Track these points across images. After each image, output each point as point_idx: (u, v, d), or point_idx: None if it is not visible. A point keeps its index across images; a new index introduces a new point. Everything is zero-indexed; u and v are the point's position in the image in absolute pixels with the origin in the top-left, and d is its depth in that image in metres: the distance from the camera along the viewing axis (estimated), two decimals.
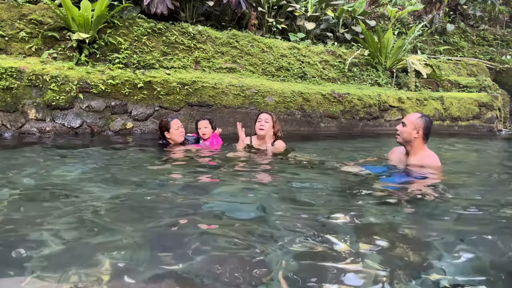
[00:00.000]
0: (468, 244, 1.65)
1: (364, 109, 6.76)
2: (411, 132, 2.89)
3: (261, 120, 3.81)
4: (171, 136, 3.87)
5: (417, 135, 2.89)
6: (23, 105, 4.61)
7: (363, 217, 1.97)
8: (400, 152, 3.16)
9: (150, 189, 2.42)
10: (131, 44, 5.77)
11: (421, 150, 2.95)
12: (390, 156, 3.35)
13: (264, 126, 3.78)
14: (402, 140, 2.97)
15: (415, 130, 2.88)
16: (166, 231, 1.73)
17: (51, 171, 2.85)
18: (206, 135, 4.06)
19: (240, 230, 1.75)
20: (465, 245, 1.64)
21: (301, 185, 2.64)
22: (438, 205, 2.21)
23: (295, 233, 1.71)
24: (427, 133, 2.91)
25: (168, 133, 3.85)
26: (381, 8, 9.92)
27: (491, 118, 7.96)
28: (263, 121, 3.79)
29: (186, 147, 3.93)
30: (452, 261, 1.47)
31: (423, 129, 2.88)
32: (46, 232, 1.65)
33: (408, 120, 2.93)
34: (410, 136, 2.90)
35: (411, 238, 1.75)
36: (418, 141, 2.92)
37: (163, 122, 3.91)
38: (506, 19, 12.49)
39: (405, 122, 2.94)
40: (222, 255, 1.48)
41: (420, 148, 2.95)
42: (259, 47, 6.93)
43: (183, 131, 3.96)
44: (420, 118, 2.91)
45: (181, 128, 3.90)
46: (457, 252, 1.56)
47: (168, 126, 3.84)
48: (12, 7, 5.30)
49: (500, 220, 2.02)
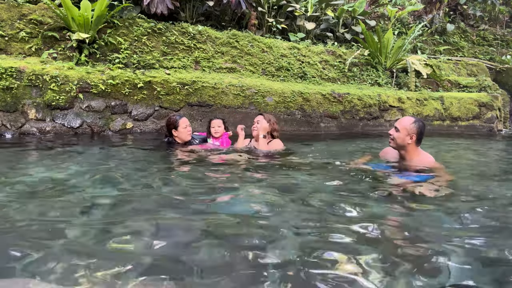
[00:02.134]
0: (471, 245, 1.65)
1: (364, 109, 6.76)
2: (404, 138, 2.87)
3: (254, 122, 3.90)
4: (179, 134, 3.86)
5: (410, 141, 2.87)
6: (23, 105, 4.61)
7: (365, 216, 1.97)
8: (395, 153, 3.14)
9: (150, 189, 2.42)
10: (131, 44, 5.77)
11: (416, 154, 2.94)
12: (384, 156, 3.33)
13: (255, 126, 3.86)
14: (395, 145, 2.96)
15: (408, 136, 2.86)
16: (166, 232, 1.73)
17: (51, 171, 2.85)
18: (218, 133, 4.11)
19: (241, 230, 1.75)
20: (467, 246, 1.64)
21: (301, 183, 2.64)
22: (439, 205, 2.21)
23: (295, 233, 1.71)
24: (420, 138, 2.90)
25: (176, 131, 3.85)
26: (381, 8, 9.92)
27: (491, 118, 7.96)
28: (255, 123, 3.88)
29: (191, 147, 3.91)
30: (456, 262, 1.47)
31: (416, 135, 2.86)
32: (46, 232, 1.65)
33: (401, 126, 2.89)
34: (403, 142, 2.89)
35: (415, 238, 1.75)
36: (411, 146, 2.91)
37: (171, 120, 3.90)
38: (506, 19, 12.49)
39: (398, 127, 2.90)
40: (222, 255, 1.48)
41: (414, 153, 2.94)
42: (259, 47, 6.93)
43: (191, 130, 3.97)
44: (413, 123, 2.87)
45: (189, 127, 3.91)
46: (460, 252, 1.56)
47: (177, 124, 3.84)
48: (12, 7, 5.30)
49: (503, 220, 2.02)
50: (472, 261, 1.49)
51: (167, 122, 3.96)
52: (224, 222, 1.86)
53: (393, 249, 1.58)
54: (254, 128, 3.87)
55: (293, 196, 2.33)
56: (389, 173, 2.93)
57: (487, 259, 1.52)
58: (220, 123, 4.16)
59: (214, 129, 4.12)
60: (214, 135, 4.12)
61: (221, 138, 4.15)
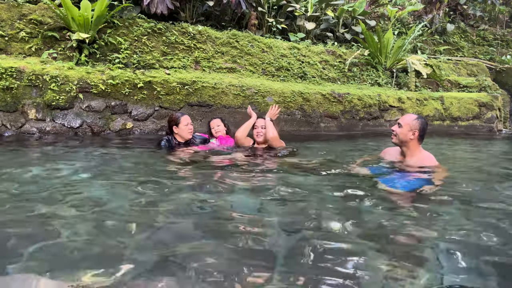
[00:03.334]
0: (470, 245, 1.65)
1: (364, 109, 6.75)
2: (407, 134, 2.91)
3: (257, 127, 3.84)
4: (179, 131, 3.85)
5: (412, 137, 2.91)
6: (23, 105, 4.60)
7: (364, 218, 1.97)
8: (396, 152, 3.15)
9: (151, 189, 2.42)
10: (131, 44, 5.77)
11: (418, 152, 2.97)
12: (384, 156, 3.34)
13: (260, 132, 3.82)
14: (397, 141, 2.99)
15: (411, 131, 2.90)
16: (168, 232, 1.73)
17: (51, 171, 2.85)
18: (219, 132, 4.11)
19: (241, 230, 1.75)
20: (467, 246, 1.64)
21: (301, 184, 2.64)
22: (439, 205, 2.21)
23: (295, 234, 1.71)
24: (422, 135, 2.94)
25: (177, 128, 3.84)
26: (381, 8, 9.93)
27: (491, 118, 7.96)
28: (259, 128, 3.83)
29: (190, 148, 3.88)
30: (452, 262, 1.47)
31: (419, 131, 2.90)
32: (46, 232, 1.65)
33: (404, 121, 2.94)
34: (406, 137, 2.92)
35: (413, 239, 1.75)
36: (413, 142, 2.94)
37: (173, 117, 3.89)
38: (506, 19, 12.50)
39: (401, 123, 2.95)
40: (221, 256, 1.48)
41: (416, 150, 2.97)
42: (259, 47, 6.93)
43: (192, 128, 3.94)
44: (416, 119, 2.93)
45: (190, 125, 3.89)
46: (458, 253, 1.56)
47: (178, 121, 3.83)
48: (12, 7, 5.30)
49: (501, 220, 2.02)
50: (473, 261, 1.49)
51: (169, 119, 3.96)
52: (224, 223, 1.86)
53: (392, 250, 1.58)
54: (259, 133, 3.82)
55: (292, 197, 2.33)
56: (387, 175, 2.93)
57: (489, 259, 1.52)
58: (219, 122, 4.15)
59: (214, 129, 4.13)
60: (216, 135, 4.11)
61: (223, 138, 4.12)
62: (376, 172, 3.00)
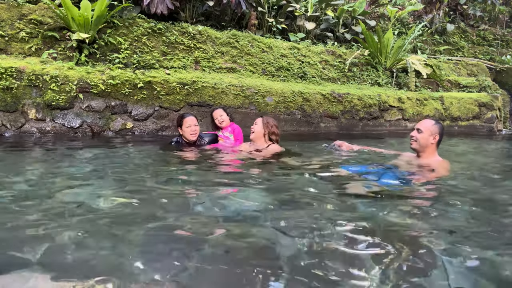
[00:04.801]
0: (469, 246, 1.65)
1: (364, 109, 6.75)
2: (428, 138, 2.94)
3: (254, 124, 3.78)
4: (183, 133, 3.82)
5: (433, 141, 2.95)
6: (23, 105, 4.60)
7: (363, 219, 1.97)
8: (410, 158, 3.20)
9: (151, 190, 2.42)
10: (131, 44, 5.77)
11: (433, 155, 3.03)
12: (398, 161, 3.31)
13: (252, 128, 3.67)
14: (418, 146, 3.01)
15: (431, 136, 2.94)
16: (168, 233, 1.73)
17: (51, 171, 2.85)
18: (224, 122, 4.03)
19: (241, 232, 1.75)
20: (466, 247, 1.64)
21: (301, 184, 2.64)
22: (438, 205, 2.21)
23: (295, 235, 1.71)
24: (441, 139, 2.99)
25: (181, 129, 3.82)
26: (381, 8, 9.93)
27: (491, 118, 7.97)
28: (254, 124, 3.72)
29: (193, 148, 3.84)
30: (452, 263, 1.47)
31: (439, 135, 2.95)
32: (47, 232, 1.65)
33: (424, 127, 2.97)
34: (427, 142, 2.95)
35: (413, 240, 1.75)
36: (433, 147, 2.98)
37: (178, 117, 3.88)
38: (506, 19, 12.50)
39: (421, 128, 2.97)
40: (222, 256, 1.48)
41: (432, 153, 3.02)
42: (259, 47, 6.93)
43: (196, 130, 3.80)
44: (434, 124, 2.98)
45: (193, 126, 3.76)
46: (458, 254, 1.56)
47: (181, 122, 3.79)
48: (12, 7, 5.30)
49: (501, 220, 2.02)
50: (472, 262, 1.49)
51: (176, 119, 3.94)
52: (223, 223, 1.86)
53: (391, 250, 1.58)
54: (252, 129, 3.73)
55: (291, 197, 2.33)
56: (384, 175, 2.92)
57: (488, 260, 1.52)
58: (221, 112, 4.07)
59: (217, 120, 4.05)
60: (220, 125, 4.06)
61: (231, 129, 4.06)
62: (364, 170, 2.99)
